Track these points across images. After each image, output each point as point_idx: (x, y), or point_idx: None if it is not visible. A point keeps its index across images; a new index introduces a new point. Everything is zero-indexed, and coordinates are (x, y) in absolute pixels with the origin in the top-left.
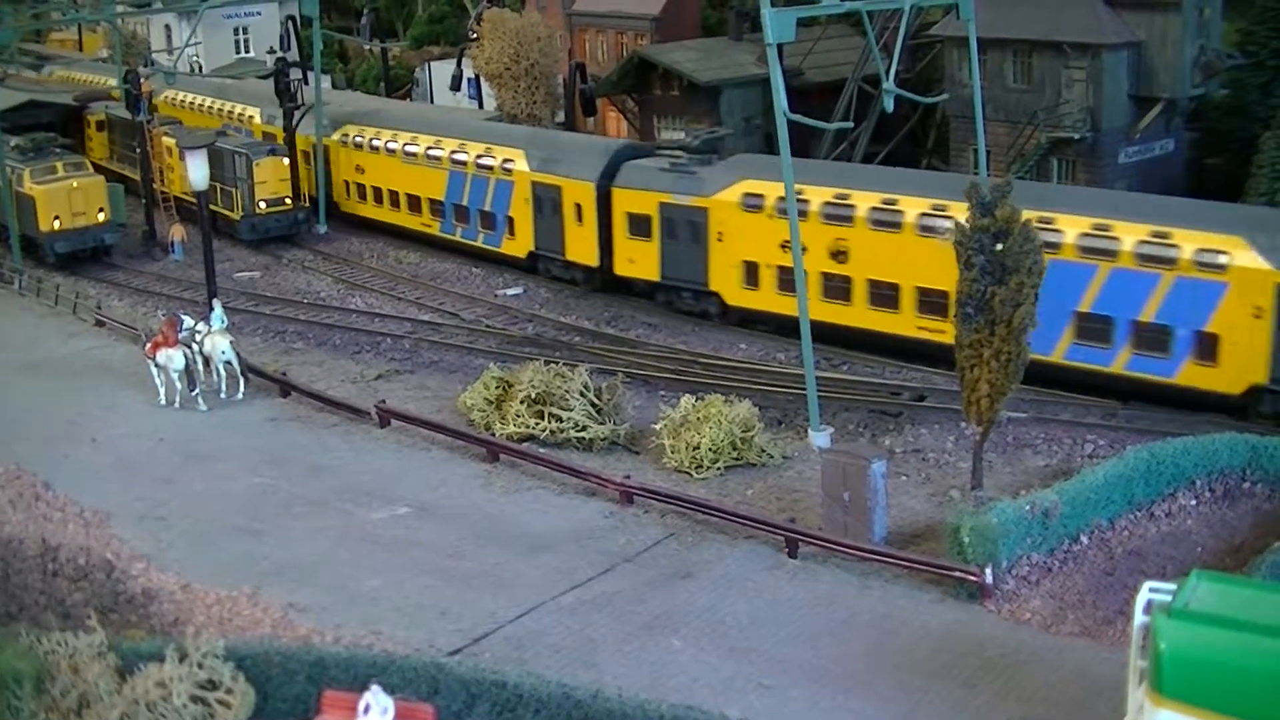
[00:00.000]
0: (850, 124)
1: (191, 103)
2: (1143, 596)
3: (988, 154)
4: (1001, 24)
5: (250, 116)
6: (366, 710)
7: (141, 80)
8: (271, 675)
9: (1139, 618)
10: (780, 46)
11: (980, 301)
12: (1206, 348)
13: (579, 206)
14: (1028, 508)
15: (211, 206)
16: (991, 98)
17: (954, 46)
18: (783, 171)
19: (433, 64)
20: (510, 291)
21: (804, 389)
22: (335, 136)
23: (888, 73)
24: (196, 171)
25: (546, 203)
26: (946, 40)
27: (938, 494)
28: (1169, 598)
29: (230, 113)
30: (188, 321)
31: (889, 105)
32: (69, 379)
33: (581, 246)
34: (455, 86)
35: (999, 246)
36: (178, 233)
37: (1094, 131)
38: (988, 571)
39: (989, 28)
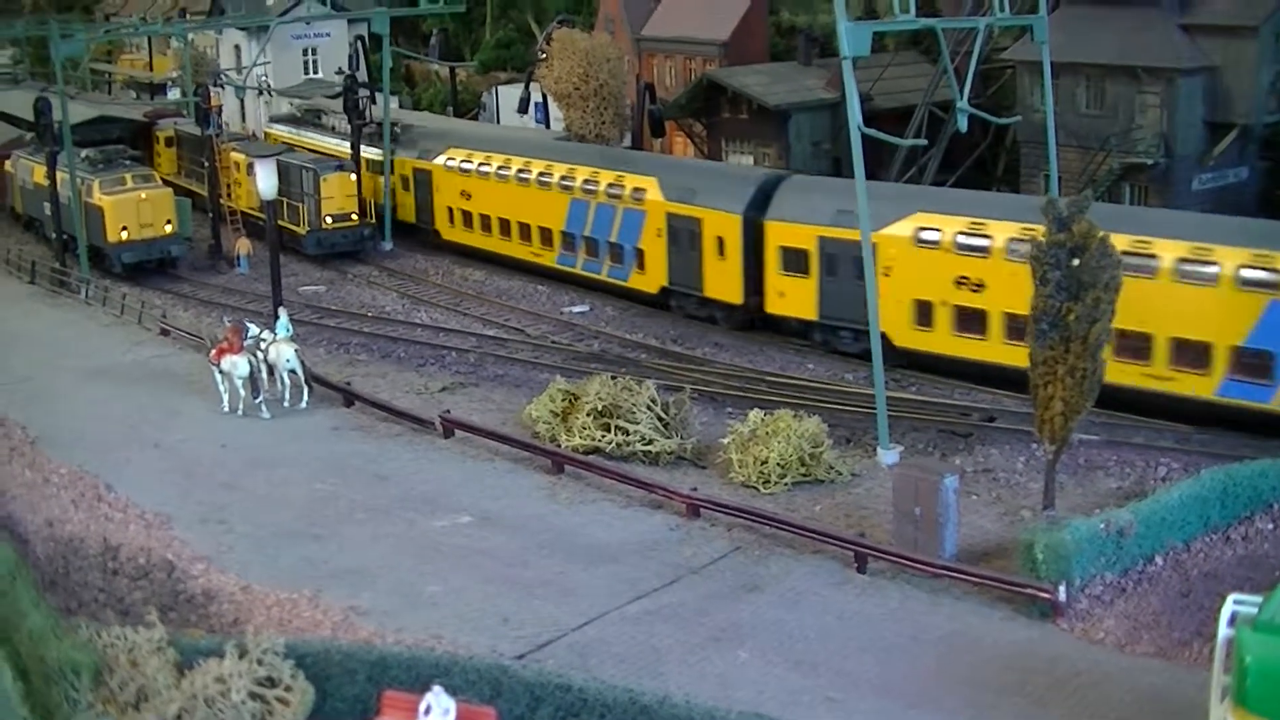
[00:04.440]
0: (924, 141)
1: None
2: (1227, 609)
3: (1059, 180)
4: (1075, 48)
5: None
6: (428, 712)
7: (211, 95)
8: (331, 674)
9: (1223, 630)
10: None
11: (1055, 318)
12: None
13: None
14: (1102, 526)
15: (278, 222)
16: (1063, 123)
17: (1026, 71)
18: (856, 189)
19: (500, 88)
20: (576, 309)
21: (872, 408)
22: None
23: (961, 92)
24: (265, 181)
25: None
26: (1019, 65)
27: (1008, 513)
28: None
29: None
30: (253, 329)
31: (963, 124)
32: (132, 385)
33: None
34: (522, 109)
35: (1075, 262)
36: (244, 247)
37: (1167, 157)
38: (1061, 589)
39: (1062, 52)
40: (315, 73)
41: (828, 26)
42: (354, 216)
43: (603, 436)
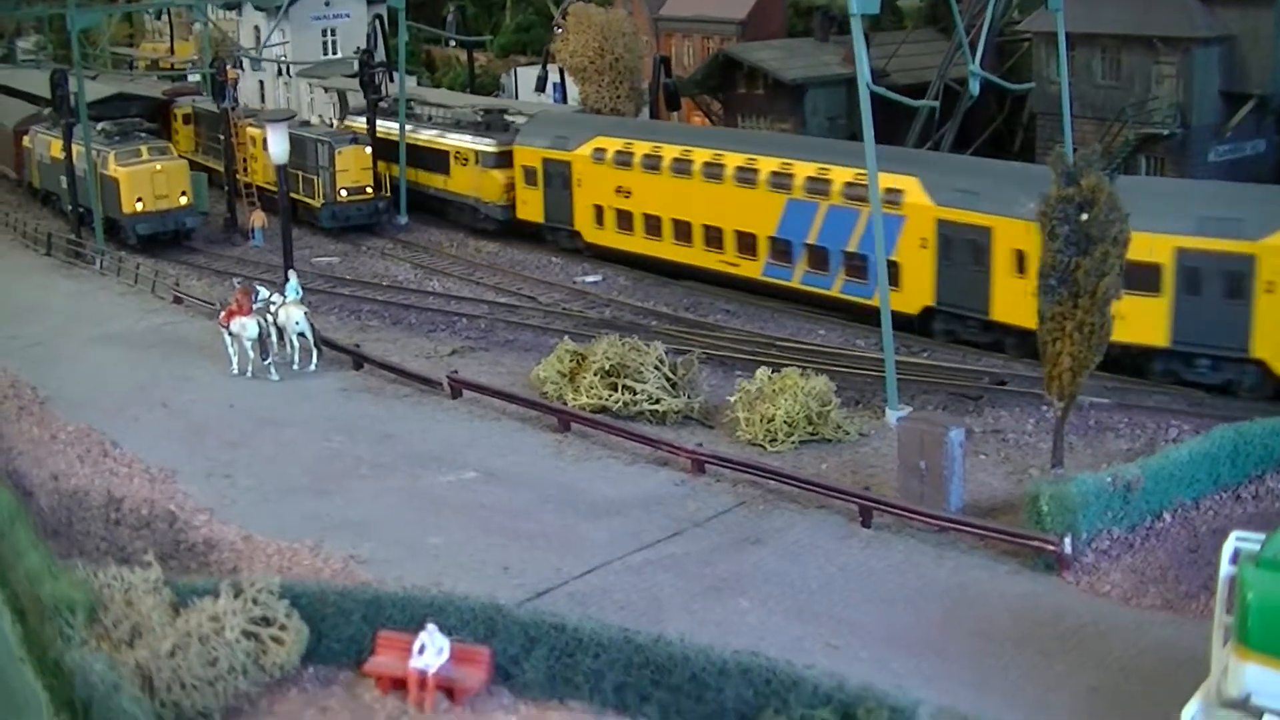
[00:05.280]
0: (935, 103)
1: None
2: (1229, 546)
3: (1074, 151)
4: (1091, 19)
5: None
6: (422, 650)
7: (227, 69)
8: (326, 615)
9: (1225, 568)
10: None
11: (1064, 273)
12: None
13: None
14: (1109, 480)
15: (293, 195)
16: (1079, 94)
17: (1042, 43)
18: (865, 148)
19: (518, 69)
20: (589, 279)
21: (882, 372)
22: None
23: (974, 58)
24: (277, 145)
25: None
26: (1035, 36)
27: (1016, 472)
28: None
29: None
30: (263, 292)
31: (974, 88)
32: (144, 350)
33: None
34: (540, 88)
35: (1084, 216)
36: (258, 219)
37: (1183, 128)
38: (1066, 541)
39: (1078, 22)
40: (335, 53)
41: (846, 8)
42: (368, 190)
43: (610, 396)
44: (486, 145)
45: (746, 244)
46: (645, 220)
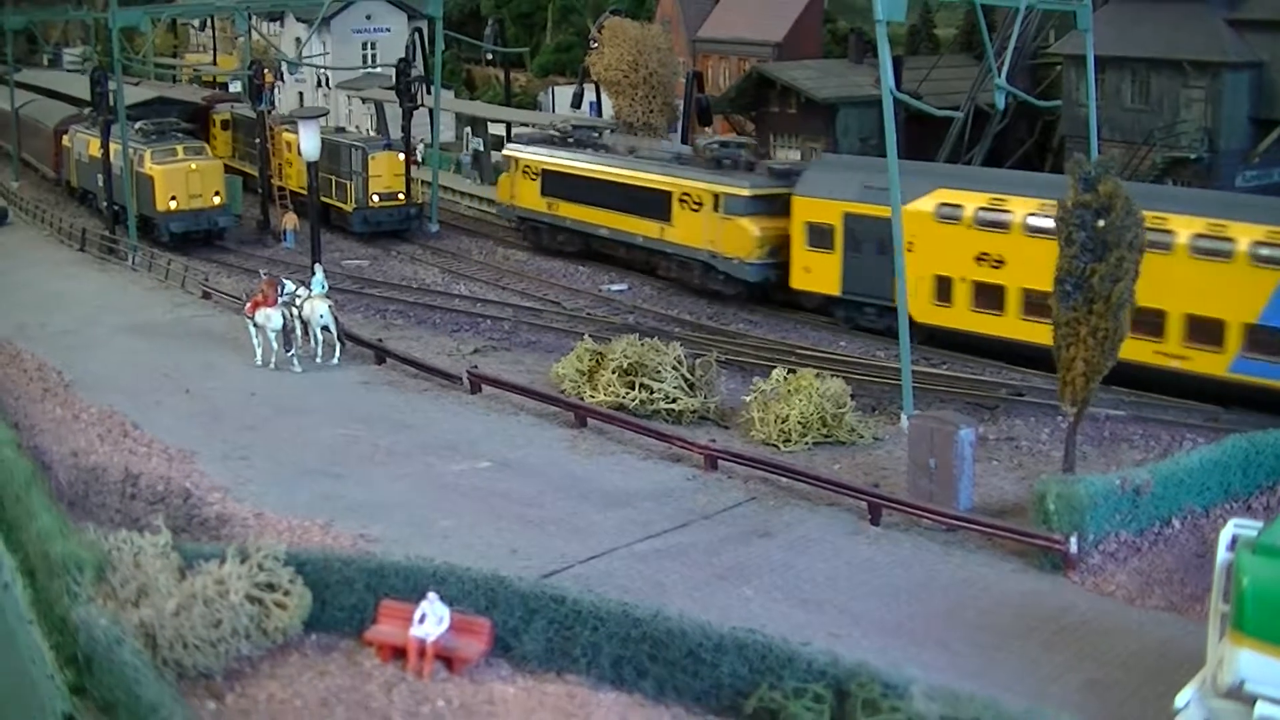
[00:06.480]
0: (960, 113)
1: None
2: (1227, 533)
3: None
4: (1121, 42)
5: None
6: (422, 620)
7: (265, 72)
8: (331, 582)
9: (1222, 554)
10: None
11: (1079, 278)
12: None
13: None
14: (1118, 482)
15: (325, 199)
16: (1108, 118)
17: (1072, 66)
18: (886, 149)
19: (556, 88)
20: (615, 287)
21: (899, 380)
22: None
23: (1000, 72)
24: (308, 141)
25: None
26: (1066, 60)
27: (1028, 477)
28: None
29: None
30: (289, 285)
31: (999, 101)
32: (170, 340)
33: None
34: (576, 104)
35: (1101, 222)
36: (290, 221)
37: (1211, 152)
38: (1073, 541)
39: (1108, 46)
40: (374, 66)
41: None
42: (400, 196)
43: (627, 393)
44: (734, 187)
45: (1203, 332)
46: (1025, 297)
